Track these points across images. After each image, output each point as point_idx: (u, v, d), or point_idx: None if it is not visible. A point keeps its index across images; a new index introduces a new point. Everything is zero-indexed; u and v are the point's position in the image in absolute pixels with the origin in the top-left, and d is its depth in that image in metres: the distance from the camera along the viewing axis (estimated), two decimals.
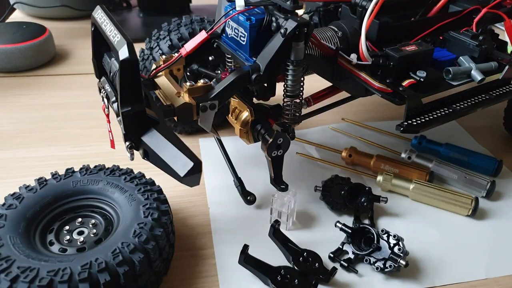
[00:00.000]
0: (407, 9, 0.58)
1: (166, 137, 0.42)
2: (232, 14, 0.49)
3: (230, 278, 0.49)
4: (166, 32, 0.65)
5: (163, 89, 0.50)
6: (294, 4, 0.46)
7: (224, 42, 0.54)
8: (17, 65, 0.89)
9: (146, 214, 0.45)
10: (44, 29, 0.95)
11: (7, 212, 0.45)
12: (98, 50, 0.50)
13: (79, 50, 1.02)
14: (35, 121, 0.75)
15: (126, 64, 0.40)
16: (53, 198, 0.48)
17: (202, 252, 0.52)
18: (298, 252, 0.50)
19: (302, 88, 0.50)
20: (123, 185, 0.49)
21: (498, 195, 0.63)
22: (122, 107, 0.42)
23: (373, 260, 0.50)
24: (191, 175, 0.40)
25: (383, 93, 0.51)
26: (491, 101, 0.58)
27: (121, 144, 0.45)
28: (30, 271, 0.38)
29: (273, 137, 0.49)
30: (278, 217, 0.55)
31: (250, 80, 0.48)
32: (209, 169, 0.64)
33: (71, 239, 0.46)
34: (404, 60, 0.51)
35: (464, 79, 0.55)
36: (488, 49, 0.56)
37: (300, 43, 0.46)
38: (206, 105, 0.47)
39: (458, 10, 0.60)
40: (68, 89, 0.86)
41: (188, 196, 0.59)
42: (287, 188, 0.53)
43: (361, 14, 0.53)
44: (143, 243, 0.42)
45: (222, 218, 0.57)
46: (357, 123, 0.77)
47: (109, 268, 0.40)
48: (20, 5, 1.15)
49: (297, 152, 0.68)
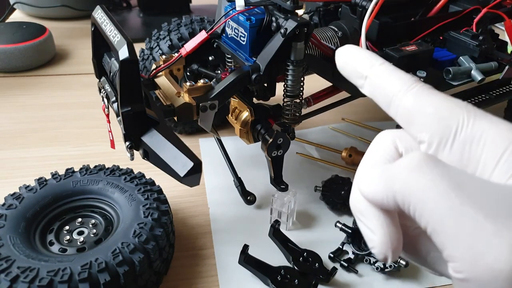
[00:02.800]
0: (407, 9, 0.58)
1: (166, 137, 0.42)
2: (232, 14, 0.49)
3: (230, 278, 0.49)
4: (166, 32, 0.65)
5: (163, 89, 0.50)
6: (294, 4, 0.46)
7: (224, 42, 0.54)
8: (17, 65, 0.89)
9: (146, 214, 0.45)
10: (44, 29, 0.95)
11: (7, 212, 0.45)
12: (98, 50, 0.50)
13: (79, 50, 1.02)
14: (35, 121, 0.75)
15: (126, 64, 0.40)
16: (53, 198, 0.48)
17: (202, 252, 0.52)
18: (298, 252, 0.50)
19: (302, 88, 0.50)
20: (123, 185, 0.49)
21: None
22: (122, 107, 0.42)
23: (373, 260, 0.50)
24: (191, 175, 0.40)
25: None
26: (491, 101, 0.58)
27: (121, 144, 0.45)
28: (30, 271, 0.38)
29: (273, 137, 0.49)
30: (278, 217, 0.55)
31: (250, 80, 0.48)
32: (209, 169, 0.64)
33: (71, 239, 0.46)
34: (404, 60, 0.51)
35: (464, 79, 0.55)
36: (488, 49, 0.56)
37: (300, 43, 0.46)
38: (206, 105, 0.47)
39: (458, 10, 0.60)
40: (68, 89, 0.85)
41: (188, 196, 0.59)
42: (287, 188, 0.53)
43: (361, 14, 0.53)
44: (143, 243, 0.42)
45: (222, 218, 0.57)
46: (357, 123, 0.77)
47: (109, 268, 0.40)
48: (20, 5, 1.15)
49: (297, 152, 0.68)
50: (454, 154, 0.21)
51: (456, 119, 0.21)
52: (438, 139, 0.21)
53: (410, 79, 0.23)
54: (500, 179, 0.20)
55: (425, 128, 0.22)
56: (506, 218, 0.17)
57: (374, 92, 0.24)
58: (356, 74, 0.25)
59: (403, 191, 0.20)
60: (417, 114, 0.22)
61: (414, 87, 0.23)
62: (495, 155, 0.20)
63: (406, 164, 0.20)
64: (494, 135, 0.20)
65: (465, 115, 0.21)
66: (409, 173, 0.20)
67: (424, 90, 0.23)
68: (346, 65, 0.26)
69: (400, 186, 0.20)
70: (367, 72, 0.25)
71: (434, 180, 0.19)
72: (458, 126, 0.21)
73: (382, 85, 0.24)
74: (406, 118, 0.23)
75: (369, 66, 0.25)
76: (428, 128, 0.22)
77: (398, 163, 0.21)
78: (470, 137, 0.21)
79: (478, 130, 0.20)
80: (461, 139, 0.21)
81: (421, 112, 0.22)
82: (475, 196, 0.18)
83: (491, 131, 0.20)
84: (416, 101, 0.22)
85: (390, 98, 0.23)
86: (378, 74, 0.24)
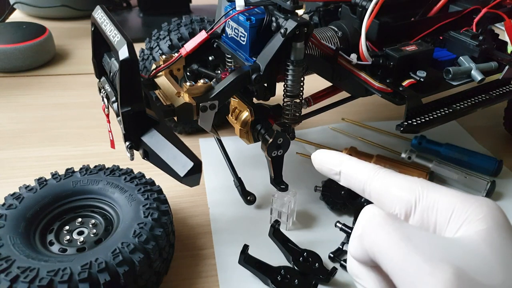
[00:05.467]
0: (407, 9, 0.58)
1: (166, 137, 0.42)
2: (232, 14, 0.49)
3: (230, 278, 0.49)
4: (166, 32, 0.65)
5: (163, 89, 0.50)
6: (294, 4, 0.46)
7: (224, 42, 0.54)
8: (17, 65, 0.89)
9: (146, 214, 0.45)
10: (44, 29, 0.95)
11: (7, 212, 0.45)
12: (98, 50, 0.50)
13: (79, 50, 1.02)
14: (35, 121, 0.75)
15: (126, 64, 0.40)
16: (53, 198, 0.48)
17: (202, 252, 0.52)
18: (298, 252, 0.50)
19: (302, 88, 0.50)
20: (123, 185, 0.49)
21: (498, 195, 0.63)
22: (122, 107, 0.42)
23: None
24: (191, 175, 0.40)
25: (383, 93, 0.51)
26: (491, 101, 0.58)
27: (121, 144, 0.45)
28: (30, 271, 0.38)
29: (273, 137, 0.49)
30: (278, 217, 0.55)
31: (250, 80, 0.48)
32: (209, 169, 0.64)
33: (71, 239, 0.46)
34: (404, 60, 0.51)
35: (464, 79, 0.55)
36: (488, 49, 0.56)
37: (300, 43, 0.46)
38: (206, 105, 0.47)
39: (458, 10, 0.60)
40: (68, 89, 0.86)
41: (188, 196, 0.59)
42: (287, 188, 0.53)
43: (361, 14, 0.53)
44: (143, 243, 0.42)
45: (222, 218, 0.57)
46: (357, 123, 0.77)
47: (109, 268, 0.40)
48: (20, 5, 1.15)
49: (297, 152, 0.68)
50: (417, 221, 0.26)
51: (414, 195, 0.26)
52: (404, 211, 0.26)
53: (373, 168, 0.29)
54: (451, 235, 0.25)
55: (392, 205, 0.27)
56: (440, 261, 0.22)
57: (349, 183, 0.30)
58: (331, 171, 0.31)
59: (369, 244, 0.25)
60: (385, 195, 0.27)
61: (378, 173, 0.28)
62: (445, 218, 0.25)
63: (369, 222, 0.26)
64: (444, 202, 0.25)
65: (420, 190, 0.26)
66: (373, 228, 0.25)
67: (386, 175, 0.28)
68: (321, 166, 0.31)
69: (367, 240, 0.25)
70: (339, 168, 0.30)
71: (389, 233, 0.24)
72: (416, 200, 0.26)
73: (353, 176, 0.29)
74: (377, 198, 0.28)
75: (339, 163, 0.30)
76: (395, 205, 0.27)
77: (363, 223, 0.26)
78: (426, 207, 0.26)
79: (431, 200, 0.26)
80: (420, 209, 0.26)
81: (388, 193, 0.27)
82: (420, 245, 0.23)
83: (441, 198, 0.25)
84: (382, 184, 0.28)
85: (363, 185, 0.29)
86: (348, 168, 0.30)
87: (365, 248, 0.26)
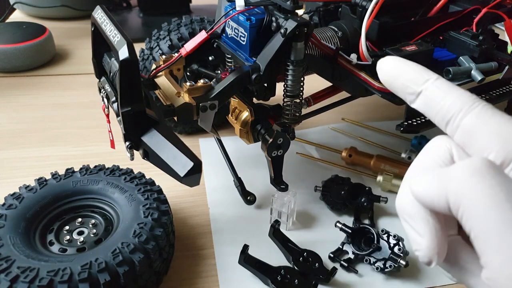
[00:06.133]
0: (407, 9, 0.58)
1: (166, 137, 0.42)
2: (232, 14, 0.49)
3: (230, 278, 0.49)
4: (166, 32, 0.65)
5: (163, 89, 0.50)
6: (294, 4, 0.46)
7: (224, 42, 0.54)
8: (17, 65, 0.89)
9: (146, 214, 0.45)
10: (44, 29, 0.95)
11: (7, 212, 0.45)
12: (98, 50, 0.50)
13: (79, 50, 1.02)
14: (35, 121, 0.75)
15: (126, 64, 0.40)
16: (53, 198, 0.48)
17: (202, 252, 0.52)
18: (298, 252, 0.50)
19: (302, 88, 0.50)
20: (123, 185, 0.49)
21: None
22: (122, 107, 0.42)
23: (373, 260, 0.50)
24: (191, 175, 0.40)
25: (383, 93, 0.51)
26: (491, 101, 0.58)
27: (121, 144, 0.45)
28: (30, 271, 0.38)
29: (273, 137, 0.49)
30: (278, 217, 0.55)
31: (250, 80, 0.48)
32: (209, 169, 0.64)
33: (71, 239, 0.46)
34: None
35: (464, 79, 0.55)
36: (488, 49, 0.56)
37: (300, 43, 0.46)
38: (206, 105, 0.47)
39: (458, 10, 0.60)
40: (68, 89, 0.86)
41: (188, 196, 0.59)
42: (287, 188, 0.53)
43: (361, 14, 0.53)
44: (143, 243, 0.42)
45: (222, 218, 0.57)
46: (357, 123, 0.77)
47: (109, 268, 0.40)
48: (20, 5, 1.15)
49: (297, 152, 0.68)
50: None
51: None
52: (501, 160, 0.21)
53: (470, 98, 0.23)
54: None
55: (487, 148, 0.21)
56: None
57: (428, 109, 0.24)
58: (406, 89, 0.25)
59: (458, 191, 0.20)
60: (479, 134, 0.22)
61: (475, 107, 0.22)
62: None
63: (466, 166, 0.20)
64: None
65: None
66: (469, 175, 0.20)
67: (487, 111, 0.22)
68: (393, 79, 0.25)
69: (455, 186, 0.20)
70: (421, 87, 0.24)
71: (492, 187, 0.19)
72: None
73: (440, 103, 0.23)
74: (466, 138, 0.22)
75: (422, 81, 0.24)
76: (492, 148, 0.21)
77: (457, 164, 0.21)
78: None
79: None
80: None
81: (484, 133, 0.22)
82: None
83: None
84: (479, 122, 0.22)
85: (449, 117, 0.23)
86: (434, 91, 0.24)
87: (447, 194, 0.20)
